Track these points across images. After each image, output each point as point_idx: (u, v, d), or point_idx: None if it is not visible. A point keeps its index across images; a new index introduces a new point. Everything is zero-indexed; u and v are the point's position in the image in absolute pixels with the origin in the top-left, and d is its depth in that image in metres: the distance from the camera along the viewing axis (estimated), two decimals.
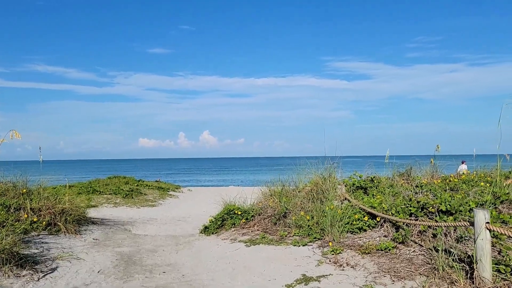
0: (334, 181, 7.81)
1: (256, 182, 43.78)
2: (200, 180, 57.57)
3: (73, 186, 22.04)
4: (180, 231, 9.65)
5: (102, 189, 21.48)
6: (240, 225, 8.24)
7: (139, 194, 21.18)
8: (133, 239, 8.14)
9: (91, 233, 8.31)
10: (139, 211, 16.09)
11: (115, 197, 20.04)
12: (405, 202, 6.46)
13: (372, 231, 6.32)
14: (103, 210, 16.69)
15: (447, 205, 5.92)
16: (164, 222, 11.34)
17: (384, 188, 8.59)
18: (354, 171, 9.84)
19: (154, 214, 14.82)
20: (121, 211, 16.02)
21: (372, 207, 6.62)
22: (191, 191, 25.52)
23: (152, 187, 24.01)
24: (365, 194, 8.64)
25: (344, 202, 7.48)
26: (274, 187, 9.76)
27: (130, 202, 19.08)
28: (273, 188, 9.78)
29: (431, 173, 10.00)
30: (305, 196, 8.54)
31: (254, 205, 9.20)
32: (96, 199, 19.36)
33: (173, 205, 18.54)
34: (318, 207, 7.28)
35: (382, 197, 7.58)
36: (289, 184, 10.01)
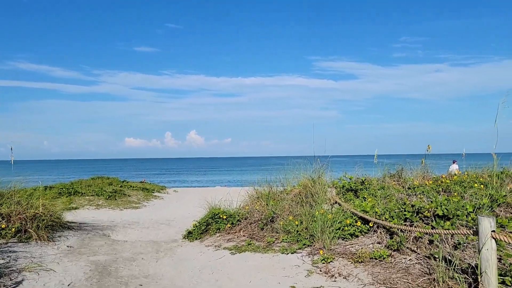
0: (323, 184, 7.42)
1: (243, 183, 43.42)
2: (186, 181, 56.84)
3: (54, 187, 21.30)
4: (163, 236, 9.16)
5: (84, 190, 20.78)
6: (225, 230, 7.80)
7: (122, 196, 20.54)
8: (111, 246, 7.62)
9: (66, 240, 7.76)
10: (121, 214, 15.51)
11: (98, 198, 19.38)
12: (399, 206, 6.11)
13: (365, 237, 5.95)
14: (84, 212, 16.05)
15: (444, 209, 5.58)
16: (147, 226, 10.82)
17: (375, 190, 8.26)
18: (344, 172, 9.49)
19: (137, 217, 14.27)
20: (103, 214, 15.42)
21: (364, 212, 6.25)
22: (177, 192, 24.95)
23: (136, 188, 23.37)
24: (355, 196, 8.29)
25: (334, 205, 7.10)
26: (261, 189, 9.36)
27: (113, 204, 18.45)
28: (260, 190, 9.37)
29: (422, 174, 9.72)
30: (294, 199, 8.15)
31: (240, 209, 8.77)
32: (77, 201, 18.68)
33: (158, 207, 17.97)
34: (307, 211, 6.89)
35: (374, 201, 7.23)
36: (277, 186, 9.63)
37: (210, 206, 8.91)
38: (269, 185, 9.52)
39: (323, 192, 7.20)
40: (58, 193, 19.50)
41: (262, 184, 9.48)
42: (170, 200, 20.81)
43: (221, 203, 9.03)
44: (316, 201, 7.10)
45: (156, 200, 20.60)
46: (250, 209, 8.42)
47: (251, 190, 9.52)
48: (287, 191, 9.21)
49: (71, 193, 19.77)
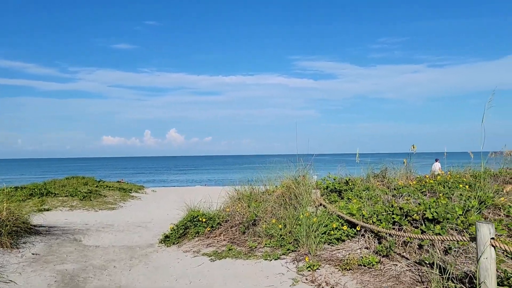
0: (308, 185, 7.09)
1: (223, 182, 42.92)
2: (165, 180, 55.87)
3: (25, 187, 20.38)
4: (138, 240, 8.66)
5: (58, 190, 19.94)
6: (205, 234, 7.39)
7: (98, 196, 19.78)
8: (81, 253, 7.10)
9: (32, 247, 7.19)
10: (96, 215, 14.85)
11: (72, 199, 18.59)
12: (386, 209, 5.84)
13: (352, 242, 5.65)
14: (57, 214, 15.31)
15: (433, 212, 5.33)
16: (122, 229, 10.28)
17: (359, 191, 7.99)
18: (328, 173, 9.21)
19: (112, 219, 13.66)
20: (77, 216, 14.73)
21: (351, 215, 5.95)
22: (155, 192, 24.30)
23: (113, 188, 22.61)
24: (339, 197, 8.01)
25: (319, 208, 6.79)
26: (242, 190, 8.98)
27: (87, 205, 17.72)
28: (241, 191, 8.99)
29: (406, 174, 9.54)
30: (276, 200, 7.81)
31: (221, 211, 8.37)
32: (50, 202, 17.86)
33: (135, 208, 17.35)
34: (291, 214, 6.55)
35: (359, 202, 6.96)
36: (258, 186, 9.27)
37: (188, 208, 8.47)
38: (251, 185, 9.16)
39: (307, 194, 6.87)
40: (29, 194, 18.63)
41: (243, 184, 9.11)
42: (148, 200, 20.18)
43: (200, 204, 8.61)
44: (300, 203, 6.77)
45: (134, 200, 19.94)
46: (231, 211, 8.03)
47: (231, 191, 9.13)
48: (269, 192, 8.86)
49: (44, 194, 18.92)
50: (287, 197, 7.42)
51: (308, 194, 6.88)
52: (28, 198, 18.29)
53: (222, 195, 9.14)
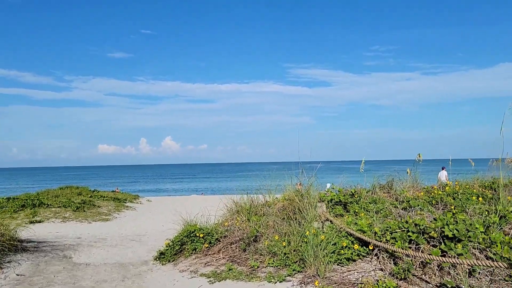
0: (313, 198, 6.62)
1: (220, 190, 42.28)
2: (161, 189, 55.11)
3: (17, 198, 19.73)
4: (132, 257, 8.12)
5: (51, 201, 19.32)
6: (202, 250, 6.87)
7: (92, 207, 19.19)
8: (70, 272, 6.56)
9: (17, 266, 6.63)
10: (89, 227, 14.28)
11: (65, 210, 17.99)
12: (400, 225, 5.38)
13: (364, 262, 5.17)
14: (49, 226, 14.72)
15: (453, 230, 4.87)
16: (115, 243, 9.72)
17: (366, 203, 7.54)
18: (331, 184, 8.75)
19: (105, 231, 13.09)
20: (69, 228, 14.15)
21: (361, 231, 5.48)
22: (150, 202, 23.70)
23: (107, 198, 22.00)
24: (345, 210, 7.54)
25: (325, 223, 6.31)
26: (241, 202, 8.48)
27: (81, 216, 17.12)
28: (240, 203, 8.49)
29: (412, 184, 9.11)
30: (278, 214, 7.32)
31: (219, 225, 7.87)
32: (42, 213, 17.25)
33: (129, 219, 16.77)
34: (295, 230, 6.07)
35: (368, 217, 6.50)
36: (257, 197, 8.78)
37: (185, 222, 7.96)
38: (250, 197, 8.67)
39: (312, 208, 6.39)
40: (21, 205, 18.01)
41: (242, 195, 8.62)
42: (143, 211, 19.60)
43: (197, 218, 8.11)
44: (305, 218, 6.29)
45: (128, 211, 19.35)
46: (229, 225, 7.54)
47: (230, 203, 8.63)
48: (269, 204, 8.39)
49: (36, 205, 18.29)
50: (290, 211, 6.94)
51: (313, 208, 6.40)
52: (20, 209, 17.67)
53: (220, 207, 8.66)
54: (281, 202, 7.96)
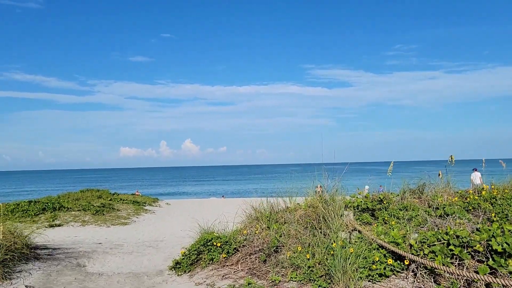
0: (339, 206, 6.07)
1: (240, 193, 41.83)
2: (181, 191, 55.19)
3: (39, 201, 19.83)
4: (147, 265, 7.74)
5: (71, 204, 19.34)
6: (220, 261, 6.42)
7: (111, 210, 19.08)
8: (81, 283, 6.21)
9: (28, 276, 6.33)
10: (107, 232, 14.07)
11: (84, 214, 17.92)
12: (438, 237, 4.78)
13: (399, 278, 4.60)
14: (68, 230, 14.60)
15: (503, 243, 4.26)
16: (131, 250, 9.39)
17: (396, 210, 6.94)
18: (356, 189, 8.18)
19: (123, 236, 12.83)
20: (87, 232, 13.98)
21: (395, 244, 4.91)
22: (169, 205, 23.49)
23: (126, 202, 21.91)
24: (373, 218, 6.96)
25: (353, 233, 5.76)
26: (261, 208, 7.99)
27: (100, 220, 17.00)
28: (259, 209, 8.01)
29: (444, 189, 8.44)
30: (300, 221, 6.81)
31: (237, 232, 7.41)
32: (62, 217, 17.22)
33: (148, 223, 16.53)
34: (320, 241, 5.54)
35: (399, 226, 5.92)
36: (278, 203, 8.28)
37: (201, 230, 7.54)
38: (269, 202, 8.17)
39: (338, 216, 5.85)
40: (42, 209, 18.04)
41: (261, 200, 8.14)
42: (161, 214, 19.35)
43: (215, 225, 7.69)
44: (330, 227, 5.75)
45: (147, 214, 19.15)
46: (248, 233, 7.06)
47: (248, 208, 8.16)
48: (290, 210, 7.88)
49: (56, 208, 18.30)
50: (313, 219, 6.42)
51: (339, 216, 5.86)
52: (41, 212, 17.70)
53: (238, 212, 8.20)
54: (303, 208, 7.44)
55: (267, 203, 7.97)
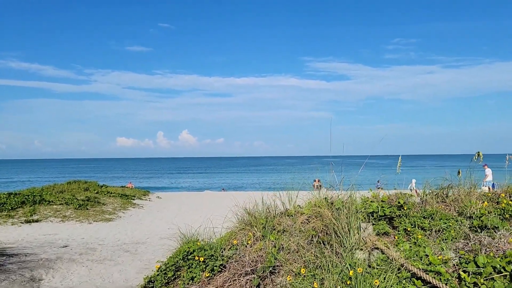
0: (355, 215, 4.71)
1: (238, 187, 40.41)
2: (176, 183, 53.78)
3: (19, 193, 18.46)
4: (117, 279, 6.40)
5: (53, 197, 17.96)
6: (202, 281, 5.08)
7: (96, 204, 17.74)
8: None
9: None
10: (87, 229, 12.74)
11: (66, 208, 16.57)
12: (496, 265, 3.46)
13: None
14: (44, 227, 13.27)
15: None
16: (104, 256, 8.05)
17: (420, 219, 5.61)
18: (369, 190, 6.84)
19: (103, 235, 11.51)
20: (65, 229, 12.64)
21: (435, 273, 3.58)
22: (160, 199, 22.15)
23: (114, 195, 20.54)
24: (390, 226, 5.64)
25: (373, 252, 4.43)
26: (255, 211, 6.64)
27: (82, 215, 15.67)
28: (253, 212, 6.66)
29: (468, 190, 7.11)
30: (303, 229, 5.48)
31: (225, 241, 6.08)
32: (42, 211, 15.88)
33: (133, 219, 15.20)
34: (330, 262, 4.22)
35: (427, 241, 4.60)
36: (275, 205, 6.92)
37: (183, 238, 6.20)
38: (266, 204, 6.82)
39: (354, 229, 4.51)
40: (21, 202, 16.70)
41: (257, 195, 6.78)
42: (150, 209, 18.02)
43: (202, 228, 6.36)
44: (344, 243, 4.42)
45: (134, 209, 17.82)
46: (239, 243, 5.72)
47: (240, 212, 6.81)
48: (290, 213, 6.55)
49: (37, 202, 16.95)
50: (320, 230, 5.08)
51: (356, 229, 4.52)
52: (19, 206, 16.37)
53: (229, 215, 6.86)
54: (306, 212, 6.10)
55: (262, 204, 6.62)
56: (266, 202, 6.76)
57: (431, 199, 6.55)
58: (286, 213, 6.72)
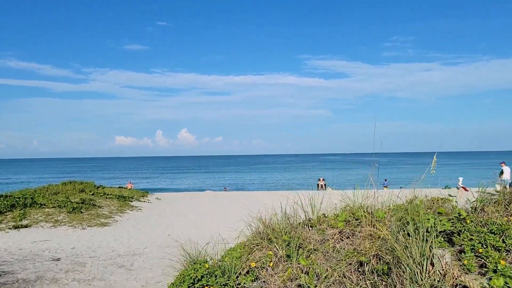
0: (425, 237, 3.48)
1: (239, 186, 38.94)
2: (175, 183, 52.43)
3: (10, 195, 17.19)
4: None
5: (46, 200, 16.68)
6: None
7: (91, 207, 16.48)
8: None
9: None
10: (80, 236, 11.51)
11: (59, 212, 15.31)
12: None
13: None
14: (33, 233, 12.04)
15: None
16: (93, 274, 6.81)
17: (490, 236, 4.39)
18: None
19: (96, 244, 10.29)
20: (56, 236, 11.42)
21: None
22: (160, 200, 20.91)
23: (111, 196, 19.29)
24: (449, 244, 4.41)
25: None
26: (274, 222, 5.40)
27: (76, 219, 14.42)
28: (270, 222, 5.42)
29: None
30: (340, 251, 4.26)
31: (240, 258, 4.86)
32: (32, 216, 14.62)
33: (130, 224, 13.97)
34: None
35: None
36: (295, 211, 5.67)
37: (187, 258, 4.97)
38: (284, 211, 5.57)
39: (426, 258, 3.28)
40: (10, 205, 15.41)
41: (271, 208, 5.55)
42: (149, 213, 16.78)
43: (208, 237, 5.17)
44: (416, 279, 3.19)
45: (132, 212, 16.57)
46: (258, 266, 4.48)
47: (254, 222, 5.56)
48: (313, 223, 5.36)
49: (27, 205, 15.67)
50: (370, 253, 3.85)
51: (428, 258, 3.28)
52: (8, 209, 15.09)
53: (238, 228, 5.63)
54: (340, 226, 4.88)
55: (283, 214, 5.40)
56: (282, 208, 5.55)
57: (490, 208, 5.31)
58: (308, 223, 5.52)
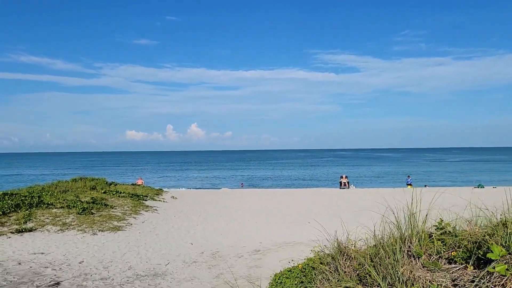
0: None
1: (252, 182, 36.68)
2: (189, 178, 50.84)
3: (16, 194, 15.63)
4: None
5: (54, 199, 15.08)
6: None
7: (103, 207, 14.86)
8: None
9: None
10: (90, 244, 9.88)
11: (68, 213, 13.70)
12: None
13: None
14: (38, 239, 10.44)
15: None
16: None
17: None
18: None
19: (109, 256, 8.65)
20: (62, 244, 9.81)
21: None
22: (176, 199, 19.25)
23: (124, 195, 17.68)
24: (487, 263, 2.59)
25: None
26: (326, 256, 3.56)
27: (86, 222, 12.80)
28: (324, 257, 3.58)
29: None
30: None
31: None
32: (38, 217, 13.01)
33: (147, 229, 12.32)
34: None
35: None
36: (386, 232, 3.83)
37: None
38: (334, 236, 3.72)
39: None
40: (15, 205, 13.82)
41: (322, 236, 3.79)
42: (165, 214, 15.12)
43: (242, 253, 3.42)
44: None
45: (148, 213, 14.93)
46: None
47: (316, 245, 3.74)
48: (417, 253, 3.55)
49: (33, 205, 14.06)
50: None
51: None
52: (13, 210, 13.50)
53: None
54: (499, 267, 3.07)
55: (335, 242, 3.54)
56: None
57: None
58: (402, 246, 3.73)
